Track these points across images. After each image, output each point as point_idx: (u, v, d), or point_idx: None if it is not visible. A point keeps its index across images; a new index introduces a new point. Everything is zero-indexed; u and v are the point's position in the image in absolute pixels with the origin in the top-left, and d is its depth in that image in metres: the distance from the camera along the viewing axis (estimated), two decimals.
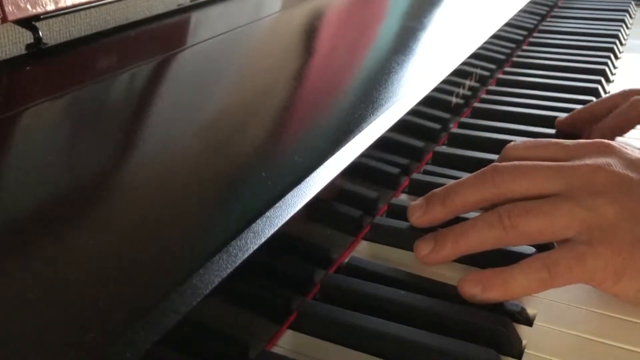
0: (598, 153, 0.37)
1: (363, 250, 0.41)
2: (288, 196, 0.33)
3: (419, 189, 0.47)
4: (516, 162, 0.37)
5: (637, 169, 0.36)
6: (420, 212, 0.39)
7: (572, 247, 0.34)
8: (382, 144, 0.42)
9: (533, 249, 0.38)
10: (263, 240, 0.30)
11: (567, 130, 0.54)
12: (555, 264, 0.34)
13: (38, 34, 0.47)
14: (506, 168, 0.37)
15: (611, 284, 0.34)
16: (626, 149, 0.38)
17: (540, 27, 0.88)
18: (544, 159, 0.38)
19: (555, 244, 0.37)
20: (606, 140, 0.38)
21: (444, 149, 0.53)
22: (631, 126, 0.51)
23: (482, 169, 0.38)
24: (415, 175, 0.49)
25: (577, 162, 0.37)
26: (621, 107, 0.50)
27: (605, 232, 0.34)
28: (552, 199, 0.35)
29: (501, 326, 0.33)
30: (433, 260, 0.38)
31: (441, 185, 0.46)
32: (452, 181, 0.39)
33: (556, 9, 0.98)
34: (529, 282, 0.34)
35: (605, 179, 0.35)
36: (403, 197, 0.47)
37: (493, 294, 0.34)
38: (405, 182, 0.48)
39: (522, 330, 0.35)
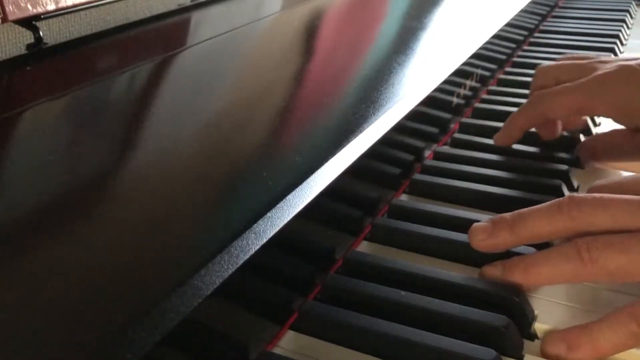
0: None
1: (364, 251, 0.41)
2: (289, 197, 0.33)
3: (419, 189, 0.48)
4: (597, 195, 0.35)
5: None
6: (484, 235, 0.37)
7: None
8: (383, 145, 0.42)
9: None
10: (264, 240, 0.30)
11: (504, 145, 0.53)
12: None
13: (38, 33, 0.47)
14: (585, 200, 0.35)
15: None
16: None
17: (541, 27, 0.88)
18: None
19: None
20: None
21: (445, 149, 0.53)
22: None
23: (559, 199, 0.36)
24: (416, 176, 0.49)
25: None
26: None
27: None
28: (636, 235, 0.33)
29: (501, 326, 0.33)
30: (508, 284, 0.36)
31: (441, 186, 0.47)
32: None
33: (557, 9, 0.98)
34: (619, 337, 0.31)
35: None
36: (404, 198, 0.47)
37: (580, 355, 0.32)
38: (406, 182, 0.48)
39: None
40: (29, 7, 0.45)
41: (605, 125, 0.58)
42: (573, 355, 0.32)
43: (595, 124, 0.58)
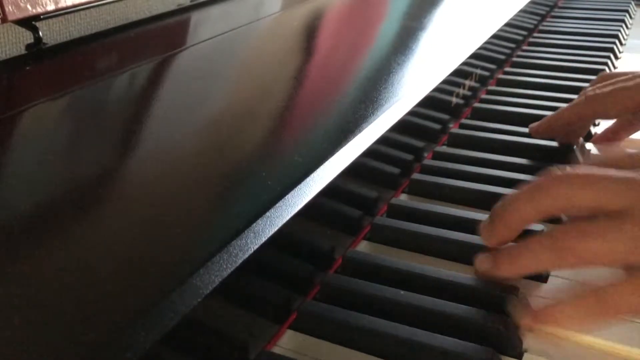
0: None
1: (363, 251, 0.41)
2: (288, 196, 0.33)
3: (419, 189, 0.48)
4: (579, 171, 0.34)
5: None
6: (487, 233, 0.37)
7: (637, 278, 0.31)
8: (382, 144, 0.42)
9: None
10: (263, 240, 0.30)
11: (540, 138, 0.53)
12: (613, 295, 0.31)
13: (38, 34, 0.47)
14: (565, 177, 0.34)
15: None
16: None
17: (540, 27, 0.88)
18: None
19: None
20: None
21: (444, 149, 0.53)
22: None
23: (540, 178, 0.35)
24: (416, 175, 0.49)
25: None
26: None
27: None
28: (614, 220, 0.32)
29: (501, 326, 0.33)
30: (491, 278, 0.36)
31: (440, 186, 0.47)
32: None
33: (556, 9, 0.98)
34: (580, 317, 0.32)
35: None
36: (403, 197, 0.47)
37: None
38: (405, 182, 0.48)
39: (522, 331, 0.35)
40: (29, 7, 0.45)
41: (604, 125, 0.58)
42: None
43: (594, 124, 0.58)
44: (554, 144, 0.52)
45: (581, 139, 0.54)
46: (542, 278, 0.39)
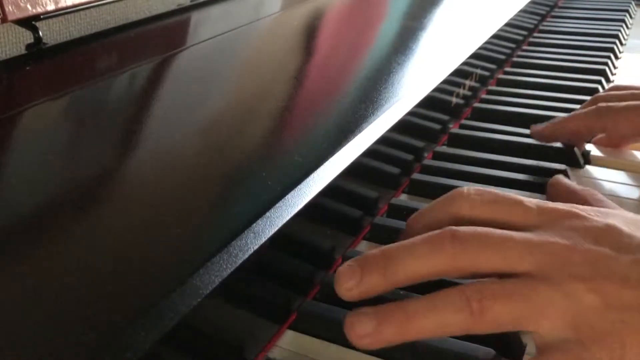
0: (566, 222, 0.32)
1: (363, 251, 0.41)
2: (288, 196, 0.33)
3: (419, 189, 0.48)
4: (480, 231, 0.31)
5: (609, 240, 0.31)
6: (353, 281, 0.31)
7: (565, 350, 0.29)
8: (382, 144, 0.42)
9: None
10: (263, 240, 0.30)
11: (541, 141, 0.52)
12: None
13: (38, 33, 0.47)
14: (468, 238, 0.30)
15: None
16: (597, 216, 0.32)
17: (541, 27, 0.88)
18: (503, 222, 0.32)
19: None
20: (574, 209, 0.33)
21: (444, 149, 0.53)
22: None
23: (436, 232, 0.31)
24: (416, 175, 0.49)
25: (548, 238, 0.31)
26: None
27: (593, 327, 0.29)
28: (528, 281, 0.30)
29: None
30: (371, 345, 0.30)
31: (440, 186, 0.47)
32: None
33: (556, 9, 0.98)
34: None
35: (581, 259, 0.30)
36: (403, 197, 0.47)
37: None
38: (405, 182, 0.48)
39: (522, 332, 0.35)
40: (29, 7, 0.45)
41: None
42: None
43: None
44: (554, 144, 0.52)
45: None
46: None
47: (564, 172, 0.49)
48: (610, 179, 0.50)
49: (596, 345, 0.29)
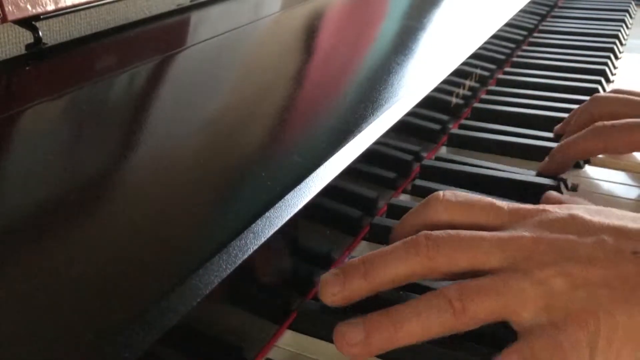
0: (534, 218, 0.34)
1: (363, 251, 0.41)
2: (288, 197, 0.33)
3: (419, 189, 0.48)
4: (452, 233, 0.33)
5: (572, 228, 0.33)
6: (337, 287, 0.32)
7: (542, 334, 0.30)
8: (382, 145, 0.42)
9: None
10: (262, 240, 0.30)
11: (551, 175, 0.50)
12: (534, 357, 0.30)
13: (38, 34, 0.47)
14: (441, 239, 0.33)
15: None
16: (561, 210, 0.34)
17: (540, 27, 0.88)
18: (477, 224, 0.34)
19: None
20: (542, 207, 0.35)
21: (444, 149, 0.53)
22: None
23: (412, 237, 0.33)
24: (416, 176, 0.49)
25: (516, 233, 0.33)
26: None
27: (565, 308, 0.30)
28: (500, 276, 0.32)
29: (501, 327, 0.33)
30: (361, 355, 0.31)
31: (439, 187, 0.47)
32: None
33: (556, 9, 0.98)
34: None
35: (546, 248, 0.32)
36: (403, 197, 0.47)
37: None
38: (405, 182, 0.48)
39: None
40: (29, 7, 0.45)
41: None
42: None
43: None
44: (554, 144, 0.52)
45: None
46: None
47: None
48: (609, 179, 0.50)
49: (571, 325, 0.30)
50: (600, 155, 0.53)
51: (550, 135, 0.55)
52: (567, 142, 0.48)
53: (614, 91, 0.53)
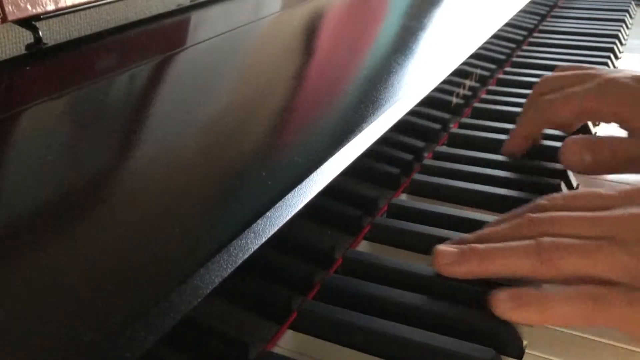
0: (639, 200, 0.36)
1: (363, 251, 0.41)
2: (288, 196, 0.33)
3: (419, 189, 0.48)
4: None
5: None
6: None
7: (622, 290, 0.32)
8: (382, 144, 0.42)
9: None
10: (263, 240, 0.30)
11: (512, 156, 0.52)
12: (603, 300, 0.32)
13: (38, 34, 0.47)
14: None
15: None
16: None
17: (541, 27, 0.88)
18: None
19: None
20: None
21: (444, 149, 0.53)
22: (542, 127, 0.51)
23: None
24: (416, 176, 0.49)
25: (620, 211, 0.35)
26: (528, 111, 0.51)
27: None
28: (595, 241, 0.33)
29: (501, 326, 0.33)
30: (451, 273, 0.35)
31: (440, 186, 0.47)
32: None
33: (556, 9, 0.98)
34: (572, 311, 0.32)
35: None
36: (403, 197, 0.47)
37: (528, 315, 0.33)
38: (405, 182, 0.48)
39: (523, 329, 0.35)
40: (29, 7, 0.45)
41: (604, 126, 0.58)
42: (521, 314, 0.33)
43: (595, 124, 0.58)
44: (554, 144, 0.52)
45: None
46: None
47: (565, 172, 0.49)
48: (612, 177, 0.50)
49: None
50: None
51: (550, 133, 0.55)
52: (517, 124, 0.51)
53: (560, 69, 0.54)
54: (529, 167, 0.50)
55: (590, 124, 0.57)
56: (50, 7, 0.47)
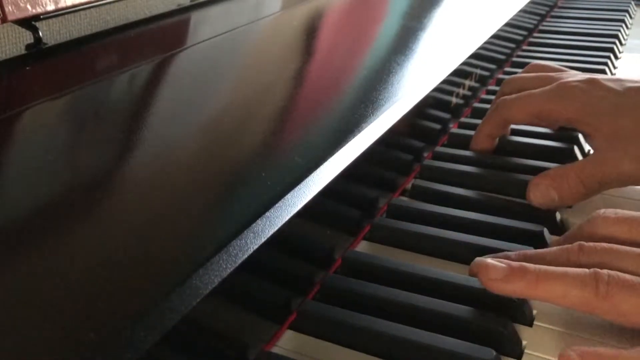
0: None
1: (363, 251, 0.41)
2: (288, 196, 0.33)
3: (419, 189, 0.48)
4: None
5: None
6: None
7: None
8: (382, 145, 0.42)
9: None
10: (263, 240, 0.30)
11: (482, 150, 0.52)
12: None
13: (38, 34, 0.47)
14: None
15: None
16: None
17: (540, 27, 0.88)
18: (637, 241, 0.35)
19: None
20: None
21: (444, 149, 0.53)
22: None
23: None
24: (416, 176, 0.49)
25: None
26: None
27: None
28: None
29: (501, 326, 0.33)
30: (497, 289, 0.34)
31: (440, 187, 0.47)
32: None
33: (556, 9, 0.98)
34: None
35: None
36: (403, 197, 0.47)
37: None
38: (405, 182, 0.48)
39: (522, 330, 0.35)
40: (29, 7, 0.45)
41: None
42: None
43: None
44: (554, 144, 0.52)
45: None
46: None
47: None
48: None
49: None
50: None
51: (550, 132, 0.55)
52: (480, 123, 0.52)
53: (526, 69, 0.55)
54: (529, 167, 0.50)
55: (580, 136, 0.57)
56: (50, 7, 0.47)
